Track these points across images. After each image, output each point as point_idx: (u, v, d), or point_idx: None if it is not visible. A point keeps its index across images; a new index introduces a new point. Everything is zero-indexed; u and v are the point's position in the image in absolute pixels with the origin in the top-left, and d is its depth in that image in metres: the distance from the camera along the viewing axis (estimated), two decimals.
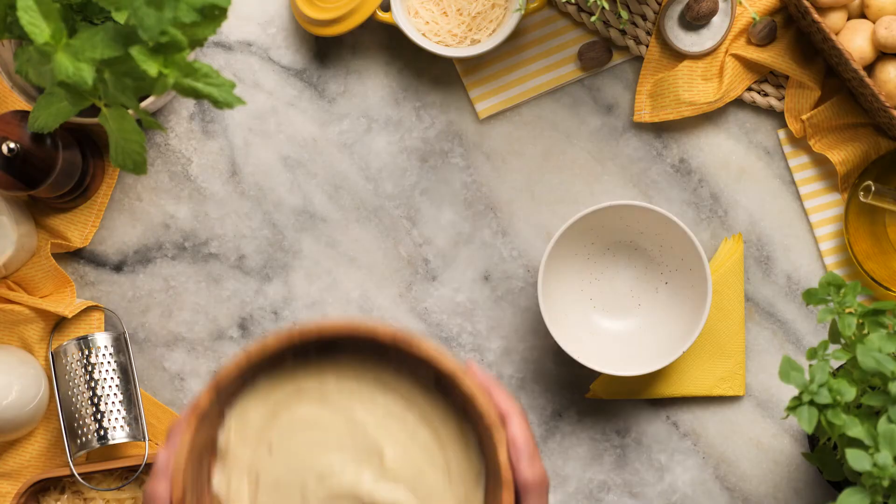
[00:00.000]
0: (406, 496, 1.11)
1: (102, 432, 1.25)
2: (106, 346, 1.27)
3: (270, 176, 1.33)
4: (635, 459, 1.32)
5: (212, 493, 1.13)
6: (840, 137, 1.29)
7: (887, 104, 1.20)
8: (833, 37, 1.20)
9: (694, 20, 1.28)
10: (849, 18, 1.26)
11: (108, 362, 1.27)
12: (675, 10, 1.30)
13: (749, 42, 1.30)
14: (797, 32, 1.29)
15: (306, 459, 1.12)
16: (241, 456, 1.13)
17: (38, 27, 0.93)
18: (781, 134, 1.32)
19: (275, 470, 1.13)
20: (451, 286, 1.33)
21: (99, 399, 1.25)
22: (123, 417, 1.26)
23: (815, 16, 1.20)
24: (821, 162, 1.32)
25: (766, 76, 1.32)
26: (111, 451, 1.31)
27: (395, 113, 1.33)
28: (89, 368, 1.26)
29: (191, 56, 1.30)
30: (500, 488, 1.08)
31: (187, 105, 1.33)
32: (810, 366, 1.02)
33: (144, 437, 1.26)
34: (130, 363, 1.28)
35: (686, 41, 1.30)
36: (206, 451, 1.12)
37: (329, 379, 1.13)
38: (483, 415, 1.07)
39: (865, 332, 1.06)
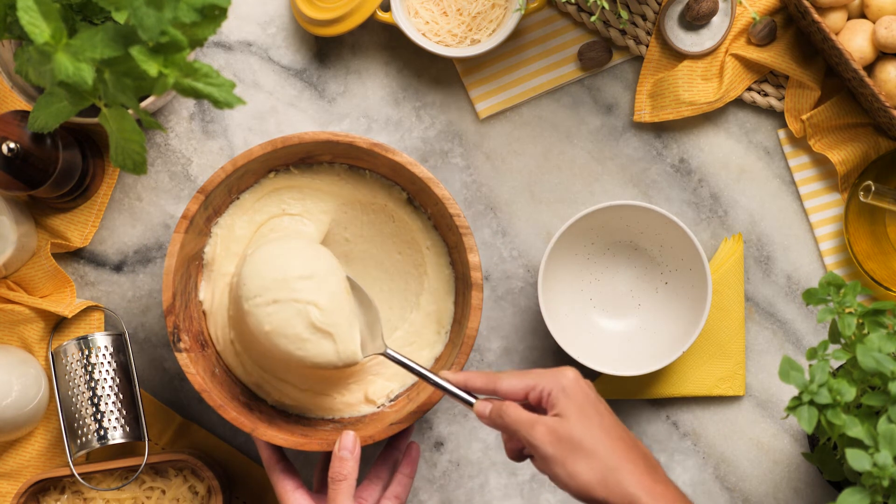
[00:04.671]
0: (355, 328, 1.17)
1: (102, 432, 1.25)
2: (106, 346, 1.27)
3: None
4: None
5: (198, 302, 1.23)
6: (840, 137, 1.29)
7: (887, 104, 1.20)
8: (833, 37, 1.20)
9: (694, 20, 1.28)
10: (849, 18, 1.26)
11: (108, 362, 1.27)
12: (675, 10, 1.30)
13: (749, 42, 1.30)
14: (797, 32, 1.29)
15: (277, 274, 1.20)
16: (226, 268, 1.24)
17: (38, 27, 0.93)
18: (781, 134, 1.32)
19: None
20: None
21: (99, 399, 1.25)
22: (123, 417, 1.26)
23: (815, 16, 1.20)
24: (821, 162, 1.32)
25: (766, 76, 1.32)
26: (111, 451, 1.31)
27: (395, 113, 1.33)
28: (89, 368, 1.26)
29: (191, 56, 1.30)
30: (469, 289, 1.19)
31: (187, 105, 1.33)
32: (810, 366, 1.02)
33: (144, 437, 1.26)
34: (130, 363, 1.28)
35: (686, 41, 1.30)
36: (193, 262, 1.22)
37: (310, 202, 1.23)
38: (454, 216, 1.18)
39: (865, 332, 1.06)
